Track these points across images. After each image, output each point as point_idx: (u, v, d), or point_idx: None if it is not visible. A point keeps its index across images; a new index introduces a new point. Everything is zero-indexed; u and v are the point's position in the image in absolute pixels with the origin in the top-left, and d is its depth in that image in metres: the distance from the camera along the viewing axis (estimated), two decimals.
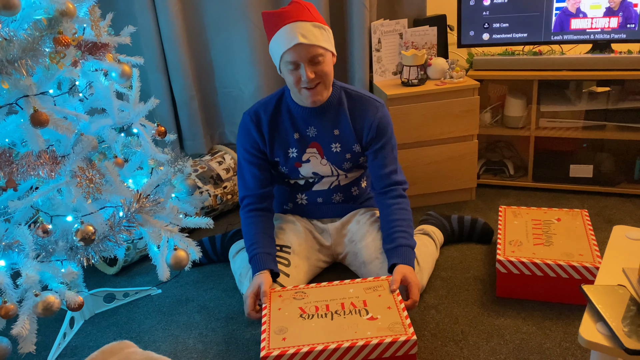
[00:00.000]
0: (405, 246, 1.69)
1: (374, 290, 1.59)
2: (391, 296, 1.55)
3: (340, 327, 1.44)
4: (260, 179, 1.81)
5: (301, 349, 1.37)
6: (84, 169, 1.42)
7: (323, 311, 1.51)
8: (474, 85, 2.27)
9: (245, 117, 1.81)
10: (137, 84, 1.66)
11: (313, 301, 1.56)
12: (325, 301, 1.56)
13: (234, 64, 2.51)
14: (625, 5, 2.19)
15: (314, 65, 1.62)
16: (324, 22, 1.67)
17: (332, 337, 1.40)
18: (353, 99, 1.79)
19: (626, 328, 0.98)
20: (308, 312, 1.51)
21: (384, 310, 1.49)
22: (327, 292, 1.60)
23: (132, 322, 1.80)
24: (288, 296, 1.60)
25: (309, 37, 1.59)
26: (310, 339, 1.40)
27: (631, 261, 1.20)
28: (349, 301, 1.54)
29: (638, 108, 2.29)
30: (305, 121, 1.77)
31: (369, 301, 1.54)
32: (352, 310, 1.50)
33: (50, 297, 1.36)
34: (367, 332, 1.41)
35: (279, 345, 1.39)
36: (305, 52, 1.59)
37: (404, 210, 1.77)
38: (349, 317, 1.48)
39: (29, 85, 1.34)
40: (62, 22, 1.36)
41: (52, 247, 1.41)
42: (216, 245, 2.09)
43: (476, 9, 2.39)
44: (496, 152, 2.64)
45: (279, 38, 1.62)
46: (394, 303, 1.52)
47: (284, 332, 1.44)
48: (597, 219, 2.18)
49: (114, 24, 1.68)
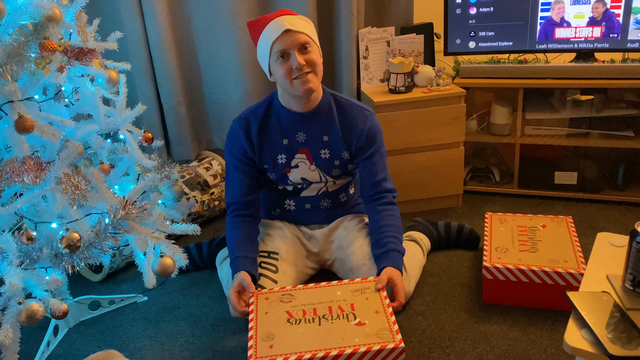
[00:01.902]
0: (394, 251, 1.70)
1: (362, 292, 1.59)
2: (379, 299, 1.55)
3: (328, 333, 1.44)
4: (247, 186, 1.81)
5: (289, 357, 1.36)
6: (70, 175, 1.41)
7: (310, 316, 1.51)
8: (460, 93, 2.29)
9: (235, 124, 1.81)
10: (123, 89, 1.65)
11: (300, 304, 1.56)
12: (313, 304, 1.55)
13: (222, 69, 2.51)
14: (608, 16, 2.23)
15: (304, 52, 1.65)
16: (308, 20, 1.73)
17: (319, 344, 1.40)
18: (343, 106, 1.80)
19: (610, 334, 0.99)
20: (295, 316, 1.51)
21: (372, 315, 1.49)
22: (315, 295, 1.60)
23: (118, 329, 1.78)
24: (275, 299, 1.59)
25: (296, 25, 1.63)
26: (298, 347, 1.39)
27: (615, 268, 1.21)
28: (337, 304, 1.54)
29: (621, 116, 2.33)
30: (295, 126, 1.77)
31: (356, 305, 1.54)
32: (340, 315, 1.50)
33: (34, 305, 1.34)
34: (355, 339, 1.41)
35: (266, 353, 1.38)
36: (294, 38, 1.62)
37: (394, 217, 1.79)
38: (336, 322, 1.48)
39: (13, 90, 1.32)
40: (48, 27, 1.35)
41: (36, 255, 1.39)
42: (203, 252, 2.07)
43: (462, 17, 2.41)
44: (482, 159, 2.67)
45: (267, 33, 1.65)
46: (381, 307, 1.52)
47: (271, 339, 1.43)
48: (582, 225, 2.21)
49: (101, 29, 1.67)
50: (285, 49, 1.63)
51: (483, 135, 2.56)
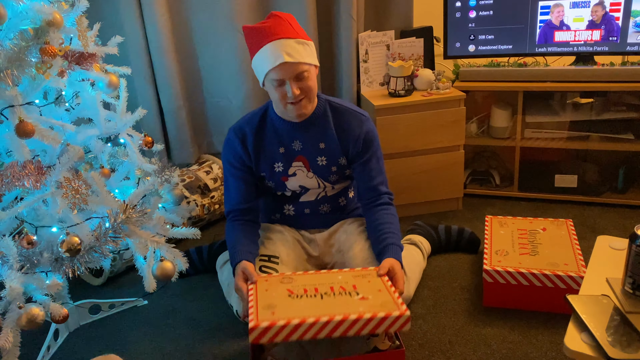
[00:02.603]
0: (393, 245, 1.69)
1: (363, 277, 1.55)
2: (380, 281, 1.52)
3: (331, 304, 1.39)
4: (245, 194, 1.81)
5: (291, 320, 1.31)
6: (70, 179, 1.41)
7: (312, 293, 1.46)
8: (460, 96, 2.29)
9: (230, 133, 1.81)
10: (124, 94, 1.66)
11: (301, 285, 1.51)
12: (314, 285, 1.51)
13: (222, 73, 2.51)
14: (608, 19, 2.23)
15: (299, 81, 1.62)
16: (306, 36, 1.66)
17: (323, 312, 1.35)
18: (338, 112, 1.79)
19: (610, 338, 0.99)
20: (296, 292, 1.47)
21: (374, 292, 1.45)
22: (315, 278, 1.56)
23: (118, 333, 1.78)
24: (274, 281, 1.56)
25: (294, 55, 1.58)
26: (301, 313, 1.35)
27: (615, 271, 1.21)
28: (338, 285, 1.50)
29: (621, 119, 2.33)
30: (291, 135, 1.77)
31: (358, 285, 1.49)
32: (342, 292, 1.46)
33: (35, 309, 1.34)
34: (359, 309, 1.36)
35: (268, 318, 1.34)
36: (291, 70, 1.59)
37: (392, 215, 1.78)
38: (339, 297, 1.43)
39: (14, 95, 1.33)
40: (48, 32, 1.35)
41: (36, 259, 1.39)
42: (203, 256, 2.07)
43: (462, 21, 2.42)
44: (482, 162, 2.67)
45: (263, 56, 1.60)
46: (383, 286, 1.48)
47: (273, 308, 1.39)
48: (582, 228, 2.21)
49: (102, 34, 1.68)
50: (281, 79, 1.61)
51: (483, 139, 2.56)
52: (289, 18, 1.64)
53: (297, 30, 1.63)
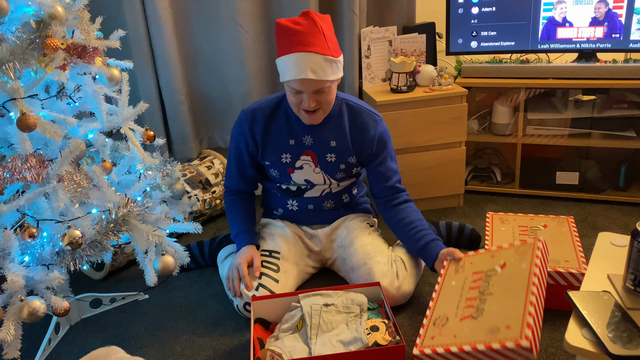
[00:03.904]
0: (435, 240, 1.73)
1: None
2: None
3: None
4: (245, 178, 1.88)
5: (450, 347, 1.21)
6: (72, 172, 1.41)
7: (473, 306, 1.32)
8: (462, 93, 2.29)
9: (242, 115, 1.80)
10: (126, 88, 1.66)
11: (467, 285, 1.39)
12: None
13: (224, 68, 2.51)
14: (611, 16, 2.23)
15: (318, 95, 1.61)
16: (336, 50, 1.61)
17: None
18: (354, 111, 1.79)
19: (611, 334, 0.99)
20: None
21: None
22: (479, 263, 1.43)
23: (119, 327, 1.78)
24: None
25: (319, 72, 1.56)
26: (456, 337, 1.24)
27: (616, 267, 1.21)
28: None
29: (622, 116, 2.33)
30: (303, 129, 1.77)
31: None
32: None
33: (36, 302, 1.34)
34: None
35: (430, 343, 1.29)
36: (312, 85, 1.58)
37: (418, 212, 1.83)
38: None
39: (16, 88, 1.33)
40: (51, 25, 1.35)
41: (38, 252, 1.39)
42: (204, 251, 2.08)
43: (465, 17, 2.41)
44: (484, 158, 2.67)
45: (288, 63, 1.57)
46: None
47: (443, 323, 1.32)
48: (583, 225, 2.21)
49: (104, 27, 1.67)
50: (300, 90, 1.60)
51: (484, 135, 2.56)
52: (324, 24, 1.58)
53: (329, 42, 1.59)
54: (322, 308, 1.58)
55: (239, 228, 1.84)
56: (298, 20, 1.58)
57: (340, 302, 1.60)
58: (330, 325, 1.54)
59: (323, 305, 1.59)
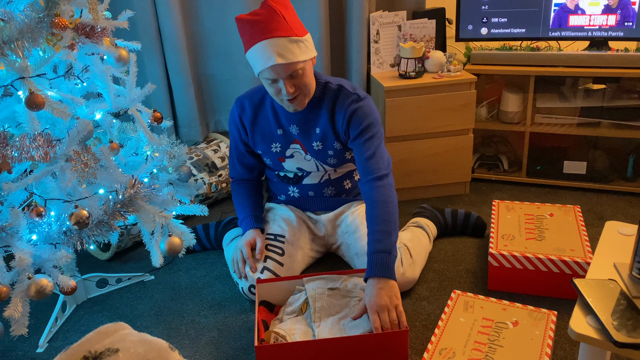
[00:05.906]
0: (378, 252, 1.53)
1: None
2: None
3: None
4: (246, 166, 1.89)
5: None
6: (79, 153, 1.42)
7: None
8: (471, 79, 2.27)
9: (235, 104, 1.82)
10: (133, 69, 1.65)
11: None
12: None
13: (232, 51, 2.50)
14: (624, 3, 2.20)
15: (294, 79, 1.58)
16: (300, 31, 1.57)
17: None
18: (332, 92, 1.73)
19: (616, 322, 0.99)
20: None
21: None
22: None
23: (125, 307, 1.80)
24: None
25: (286, 55, 1.53)
26: None
27: (622, 256, 1.21)
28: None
29: (633, 106, 2.30)
30: (288, 118, 1.76)
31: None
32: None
33: (43, 280, 1.35)
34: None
35: None
36: (284, 70, 1.54)
37: (383, 203, 1.61)
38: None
39: (24, 67, 1.33)
40: (59, 4, 1.34)
41: (45, 231, 1.40)
42: (210, 233, 2.09)
43: (475, 3, 2.39)
44: (491, 146, 2.65)
45: (255, 54, 1.56)
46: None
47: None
48: (589, 215, 2.20)
49: (112, 8, 1.67)
50: (275, 78, 1.57)
51: (492, 123, 2.54)
52: (281, 8, 1.55)
53: (291, 24, 1.55)
54: (326, 292, 1.59)
55: (245, 213, 1.85)
56: (257, 12, 1.55)
57: (345, 286, 1.61)
58: (334, 309, 1.55)
59: (327, 289, 1.59)
